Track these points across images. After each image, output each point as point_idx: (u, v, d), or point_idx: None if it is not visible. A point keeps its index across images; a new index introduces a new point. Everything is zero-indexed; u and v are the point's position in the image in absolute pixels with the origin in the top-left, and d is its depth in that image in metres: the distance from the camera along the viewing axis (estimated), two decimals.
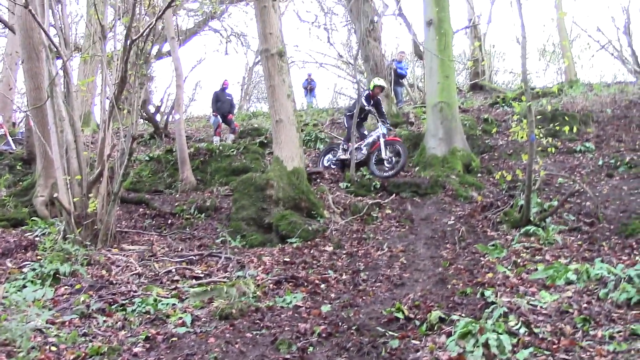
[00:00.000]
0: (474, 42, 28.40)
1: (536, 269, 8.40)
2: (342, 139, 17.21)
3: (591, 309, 6.66)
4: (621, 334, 5.99)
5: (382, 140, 15.56)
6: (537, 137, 11.72)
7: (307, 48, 77.93)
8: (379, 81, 16.53)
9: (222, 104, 20.80)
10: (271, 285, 8.87)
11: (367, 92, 16.58)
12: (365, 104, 16.02)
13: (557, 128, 15.59)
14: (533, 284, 7.80)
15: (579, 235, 10.15)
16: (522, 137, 11.87)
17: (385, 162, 15.44)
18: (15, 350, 6.53)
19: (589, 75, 41.47)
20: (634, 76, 24.84)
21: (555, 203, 11.28)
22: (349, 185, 14.35)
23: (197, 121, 27.60)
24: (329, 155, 17.27)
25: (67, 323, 7.64)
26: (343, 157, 16.22)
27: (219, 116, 20.55)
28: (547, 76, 37.71)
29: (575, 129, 15.52)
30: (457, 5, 64.95)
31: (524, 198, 10.87)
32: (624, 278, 7.14)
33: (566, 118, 16.86)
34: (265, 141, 18.13)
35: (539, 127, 14.24)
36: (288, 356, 6.46)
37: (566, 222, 10.71)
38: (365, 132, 16.74)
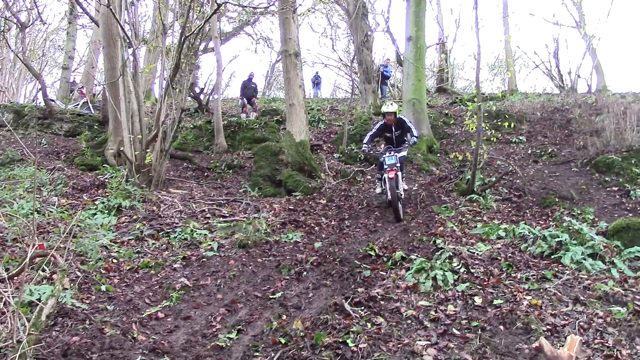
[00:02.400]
0: (441, 55, 28.28)
1: (476, 226, 8.43)
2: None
3: (514, 258, 6.70)
4: (535, 276, 6.05)
5: (385, 173, 9.95)
6: (483, 129, 11.71)
7: (316, 52, 77.52)
8: (385, 107, 10.53)
9: (247, 90, 20.80)
10: (278, 225, 8.90)
11: (380, 122, 10.71)
12: (364, 147, 10.49)
13: (499, 124, 15.55)
14: (473, 237, 7.83)
15: (510, 204, 10.16)
16: (472, 129, 11.84)
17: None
18: (87, 260, 6.57)
19: (526, 86, 41.15)
20: (558, 89, 24.82)
21: (494, 179, 11.29)
22: (341, 155, 14.32)
23: (230, 102, 27.41)
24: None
25: (125, 243, 7.68)
26: (378, 190, 10.87)
27: (244, 99, 20.62)
28: (494, 84, 37.34)
29: (512, 126, 15.52)
30: (431, 26, 64.44)
31: (470, 174, 10.87)
32: (540, 237, 7.20)
33: (506, 116, 16.78)
34: (281, 119, 17.97)
35: (486, 122, 14.13)
36: (287, 277, 6.51)
37: (501, 194, 10.71)
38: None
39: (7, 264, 5.93)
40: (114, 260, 6.90)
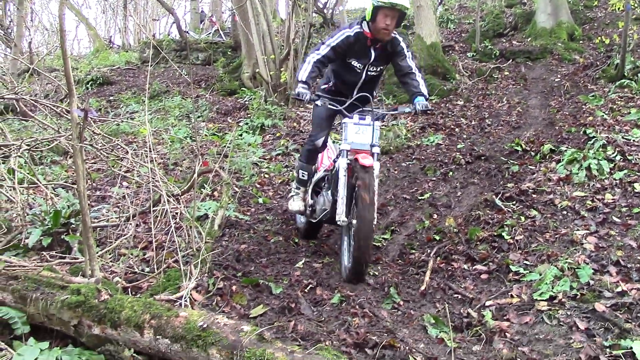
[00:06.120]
0: None
1: (629, 113, 7.88)
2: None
3: None
4: None
5: (340, 167, 4.39)
6: (632, 7, 10.73)
7: None
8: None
9: None
10: (417, 130, 8.88)
11: (348, 33, 4.57)
12: (300, 88, 4.43)
13: None
14: (627, 124, 7.36)
15: None
16: (619, 8, 10.94)
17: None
18: (242, 176, 7.01)
19: None
20: None
21: None
22: (475, 54, 13.77)
23: (354, 12, 27.08)
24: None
25: (273, 158, 8.07)
26: (296, 206, 5.14)
27: None
28: None
29: None
30: None
31: (619, 58, 10.10)
32: None
33: None
34: (408, 24, 17.57)
35: None
36: (433, 178, 6.57)
37: None
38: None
39: (173, 184, 6.48)
40: (266, 175, 7.32)
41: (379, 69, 4.79)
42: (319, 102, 4.50)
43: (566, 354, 2.98)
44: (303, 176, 5.07)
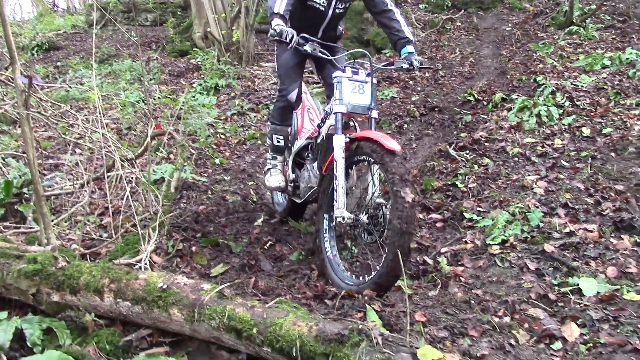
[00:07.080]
0: None
1: (578, 59, 8.07)
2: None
3: (622, 85, 6.46)
4: None
5: (336, 145, 3.53)
6: None
7: None
8: None
9: None
10: None
11: None
12: (277, 24, 3.52)
13: None
14: (575, 70, 7.53)
15: (613, 31, 9.57)
16: None
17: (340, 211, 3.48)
18: (197, 138, 6.96)
19: None
20: None
21: (594, 6, 10.58)
22: (427, 5, 13.76)
23: None
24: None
25: (228, 119, 8.02)
26: (275, 182, 4.31)
27: None
28: None
29: None
30: None
31: (568, 4, 10.25)
32: None
33: None
34: None
35: None
36: (389, 131, 6.62)
37: (603, 21, 10.07)
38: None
39: (127, 149, 6.40)
40: (222, 136, 7.28)
41: (347, 5, 4.10)
42: (307, 48, 3.61)
43: (517, 293, 3.11)
44: (278, 141, 4.28)
